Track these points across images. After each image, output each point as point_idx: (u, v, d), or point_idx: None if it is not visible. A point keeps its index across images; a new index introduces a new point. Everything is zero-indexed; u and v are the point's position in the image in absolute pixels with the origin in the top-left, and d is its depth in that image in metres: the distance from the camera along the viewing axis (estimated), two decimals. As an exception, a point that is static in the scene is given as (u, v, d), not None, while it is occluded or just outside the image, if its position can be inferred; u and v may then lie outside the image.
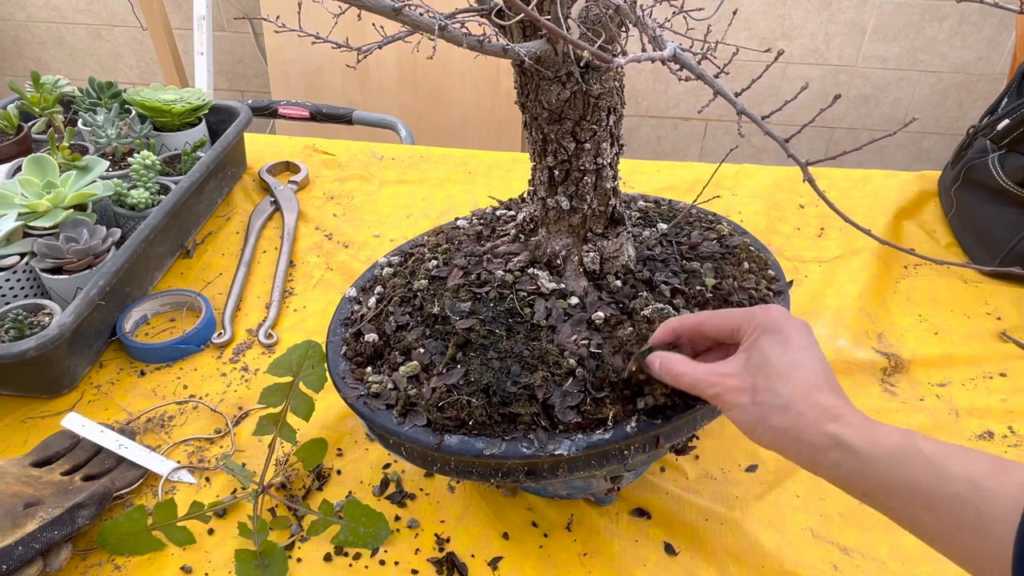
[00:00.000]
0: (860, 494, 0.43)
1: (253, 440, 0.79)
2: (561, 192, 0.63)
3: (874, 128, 2.15)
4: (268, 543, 0.66)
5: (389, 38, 0.54)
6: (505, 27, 0.55)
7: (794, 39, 2.03)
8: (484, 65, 1.74)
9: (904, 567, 0.66)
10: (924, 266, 1.03)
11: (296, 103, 1.53)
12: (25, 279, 0.90)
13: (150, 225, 0.94)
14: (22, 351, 0.76)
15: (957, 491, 0.38)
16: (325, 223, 1.14)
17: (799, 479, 0.74)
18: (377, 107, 1.86)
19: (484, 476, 0.58)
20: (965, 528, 0.37)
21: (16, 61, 2.45)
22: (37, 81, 1.14)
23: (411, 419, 0.58)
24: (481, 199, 1.18)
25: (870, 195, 1.15)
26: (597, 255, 0.65)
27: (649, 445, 0.57)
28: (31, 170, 0.95)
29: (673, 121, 2.23)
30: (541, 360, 0.58)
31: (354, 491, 0.74)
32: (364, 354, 0.65)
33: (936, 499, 0.38)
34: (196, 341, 0.91)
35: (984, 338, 0.91)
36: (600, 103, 0.58)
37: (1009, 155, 0.97)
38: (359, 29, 0.74)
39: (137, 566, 0.67)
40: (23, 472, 0.70)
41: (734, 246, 0.71)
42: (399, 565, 0.67)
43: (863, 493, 0.42)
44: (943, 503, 0.38)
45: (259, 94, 2.39)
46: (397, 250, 0.80)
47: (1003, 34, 1.95)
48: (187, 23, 2.21)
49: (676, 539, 0.69)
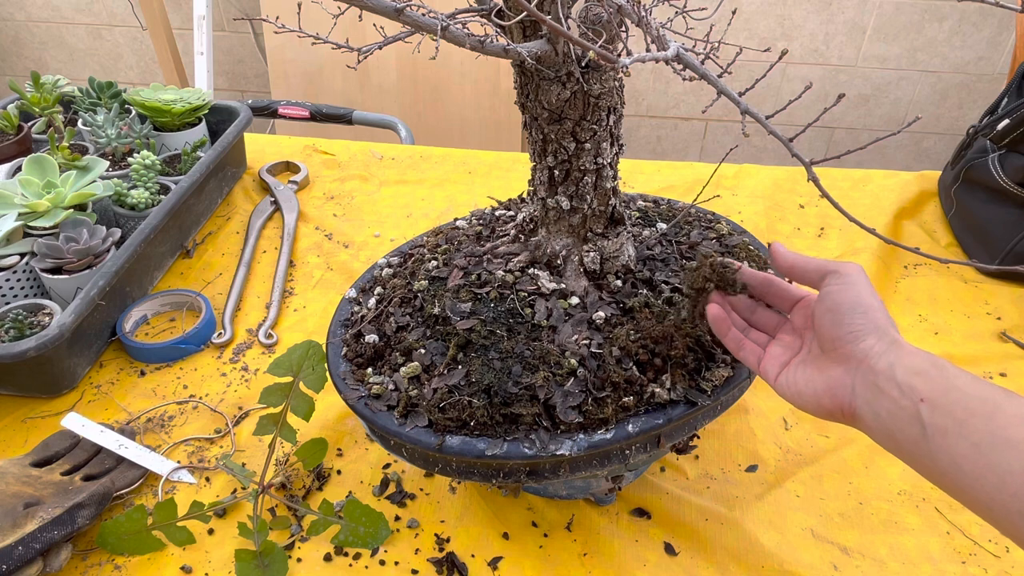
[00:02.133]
0: (919, 399, 0.42)
1: (253, 440, 0.79)
2: (561, 192, 0.63)
3: (874, 128, 2.15)
4: (268, 543, 0.66)
5: (390, 38, 0.54)
6: (505, 27, 0.55)
7: (794, 39, 2.03)
8: (484, 65, 1.74)
9: (904, 567, 0.66)
10: (924, 266, 1.03)
11: (296, 103, 1.53)
12: (25, 279, 0.90)
13: (150, 225, 0.94)
14: (22, 351, 0.76)
15: (1022, 411, 0.39)
16: (325, 223, 1.14)
17: (799, 479, 0.74)
18: (377, 107, 1.86)
19: (486, 477, 0.57)
20: (1012, 443, 0.38)
21: (16, 61, 2.45)
22: (37, 81, 1.14)
23: (412, 420, 0.58)
24: (481, 199, 1.18)
25: (870, 195, 1.15)
26: (597, 255, 0.65)
27: (650, 444, 0.57)
28: (31, 170, 0.95)
29: (673, 121, 2.23)
30: (542, 360, 0.58)
31: (354, 491, 0.74)
32: (364, 355, 0.65)
33: (1000, 412, 0.39)
34: (196, 341, 0.91)
35: (984, 338, 0.91)
36: (600, 103, 0.58)
37: (1009, 155, 0.97)
38: (359, 29, 0.74)
39: (137, 566, 0.67)
40: (23, 472, 0.70)
41: (733, 245, 0.71)
42: (399, 565, 0.67)
43: (923, 399, 0.42)
44: (1003, 417, 0.39)
45: (259, 94, 2.39)
46: (396, 251, 0.80)
47: (1003, 34, 1.95)
48: (187, 23, 2.21)
49: (676, 539, 0.69)
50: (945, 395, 0.41)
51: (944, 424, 0.41)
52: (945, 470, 0.41)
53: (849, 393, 0.46)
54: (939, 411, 0.41)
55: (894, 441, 0.44)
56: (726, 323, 0.55)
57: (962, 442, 0.40)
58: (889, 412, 0.44)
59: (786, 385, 0.51)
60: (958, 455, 0.40)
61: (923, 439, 0.42)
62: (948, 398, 0.41)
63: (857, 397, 0.46)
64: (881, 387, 0.44)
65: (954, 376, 0.42)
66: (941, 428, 0.41)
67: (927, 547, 0.67)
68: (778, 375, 0.52)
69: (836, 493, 0.73)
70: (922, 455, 0.42)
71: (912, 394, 0.42)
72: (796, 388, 0.50)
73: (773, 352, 0.53)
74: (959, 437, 0.40)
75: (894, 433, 0.44)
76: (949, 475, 0.41)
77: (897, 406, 0.43)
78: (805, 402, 0.49)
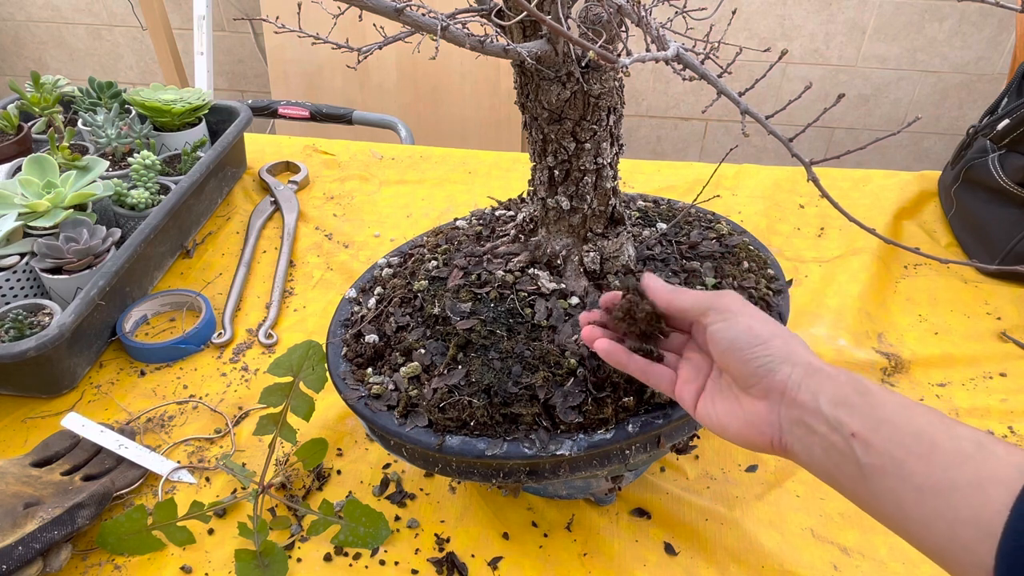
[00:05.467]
0: (850, 433, 0.39)
1: (253, 440, 0.79)
2: (561, 192, 0.63)
3: (874, 128, 2.15)
4: (268, 543, 0.66)
5: (390, 38, 0.54)
6: (505, 27, 0.55)
7: (794, 39, 2.03)
8: (484, 65, 1.74)
9: (904, 567, 0.66)
10: (924, 266, 1.03)
11: (296, 103, 1.53)
12: (25, 279, 0.90)
13: (150, 225, 0.94)
14: (22, 351, 0.76)
15: (961, 447, 0.36)
16: (325, 223, 1.14)
17: (799, 479, 0.74)
18: (377, 107, 1.86)
19: (486, 477, 0.58)
20: (958, 487, 0.35)
21: (16, 61, 2.45)
22: (37, 81, 1.14)
23: (412, 420, 0.58)
24: (481, 199, 1.18)
25: (870, 195, 1.15)
26: (597, 255, 0.64)
27: (650, 444, 0.57)
28: (31, 170, 0.95)
29: (673, 121, 2.23)
30: (542, 360, 0.58)
31: (354, 491, 0.74)
32: (364, 355, 0.65)
33: (937, 450, 0.36)
34: (196, 341, 0.91)
35: (984, 338, 0.91)
36: (600, 103, 0.58)
37: (1009, 155, 0.97)
38: (359, 29, 0.74)
39: (137, 566, 0.67)
40: (23, 472, 0.70)
41: (733, 245, 0.71)
42: (399, 565, 0.67)
43: (853, 433, 0.39)
44: (943, 456, 0.36)
45: (259, 94, 2.39)
46: (396, 251, 0.80)
47: (1003, 34, 1.95)
48: (187, 23, 2.21)
49: (676, 539, 0.69)
50: (876, 431, 0.38)
51: (882, 464, 0.38)
52: (891, 514, 0.38)
53: (776, 430, 0.44)
54: (873, 450, 0.38)
55: (833, 479, 0.41)
56: (622, 353, 0.51)
57: (903, 485, 0.37)
58: (823, 449, 0.41)
59: (707, 417, 0.48)
60: (902, 500, 0.37)
61: (862, 479, 0.39)
62: (880, 435, 0.38)
63: (786, 433, 0.43)
64: (808, 424, 0.41)
65: (881, 405, 0.39)
66: (879, 468, 0.38)
67: (927, 547, 0.67)
68: (696, 403, 0.49)
69: (836, 493, 0.72)
70: (865, 495, 0.39)
71: (842, 429, 0.39)
72: (719, 421, 0.47)
73: (684, 375, 0.50)
74: (899, 480, 0.37)
75: (831, 471, 0.41)
76: (896, 519, 0.38)
77: (828, 443, 0.40)
78: (731, 437, 0.46)
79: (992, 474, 0.34)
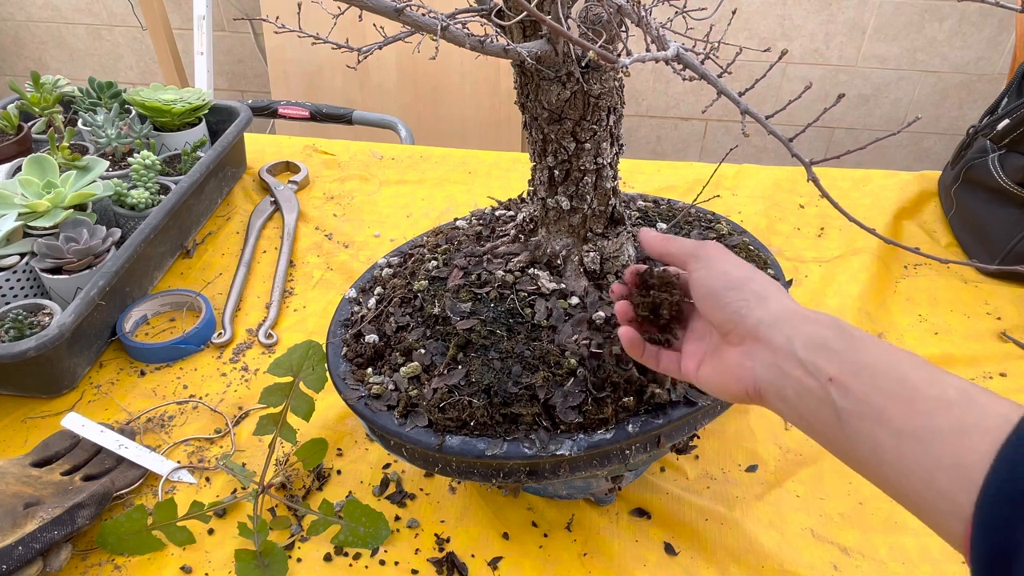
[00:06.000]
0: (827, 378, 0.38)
1: (253, 440, 0.79)
2: (561, 192, 0.63)
3: (874, 128, 2.15)
4: (268, 543, 0.66)
5: (389, 38, 0.54)
6: (505, 27, 0.55)
7: (794, 39, 2.03)
8: (484, 65, 1.74)
9: (904, 567, 0.66)
10: (924, 266, 1.03)
11: (296, 103, 1.53)
12: (25, 279, 0.90)
13: (150, 225, 0.94)
14: (22, 351, 0.76)
15: (945, 394, 0.35)
16: (325, 223, 1.14)
17: (799, 479, 0.74)
18: (377, 107, 1.86)
19: (486, 477, 0.58)
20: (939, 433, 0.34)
21: (16, 61, 2.45)
22: (37, 81, 1.14)
23: (412, 420, 0.58)
24: (481, 199, 1.18)
25: (870, 195, 1.15)
26: (597, 255, 0.65)
27: (650, 444, 0.57)
28: (31, 170, 0.95)
29: (673, 121, 2.23)
30: (542, 360, 0.58)
31: (354, 491, 0.74)
32: (364, 355, 0.65)
33: (920, 395, 0.35)
34: (196, 341, 0.91)
35: (984, 338, 0.91)
36: (600, 103, 0.58)
37: (1009, 155, 0.97)
38: (359, 29, 0.74)
39: (137, 566, 0.67)
40: (23, 472, 0.70)
41: (733, 245, 0.71)
42: (399, 565, 0.67)
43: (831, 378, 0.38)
44: (925, 402, 0.35)
45: (259, 94, 2.39)
46: (396, 251, 0.80)
47: (1003, 34, 1.95)
48: (187, 23, 2.21)
49: (676, 539, 0.69)
50: (856, 376, 0.37)
51: (860, 410, 0.37)
52: (865, 459, 0.37)
53: (751, 375, 0.43)
54: (852, 395, 0.37)
55: (807, 423, 0.40)
56: (639, 344, 0.51)
57: (882, 430, 0.36)
58: (796, 393, 0.40)
59: (701, 378, 0.48)
60: (878, 445, 0.36)
61: (837, 424, 0.38)
62: (860, 380, 0.37)
63: (760, 379, 0.42)
64: (781, 367, 0.40)
65: (864, 349, 0.38)
66: (856, 413, 0.37)
67: (927, 547, 0.67)
68: (698, 370, 0.48)
69: (836, 493, 0.73)
70: (839, 440, 0.38)
71: (818, 373, 0.38)
72: (710, 380, 0.47)
73: (689, 349, 0.50)
74: (878, 424, 0.36)
75: (805, 415, 0.40)
76: (870, 464, 0.37)
77: (802, 386, 0.39)
78: (714, 389, 0.46)
79: (977, 422, 0.34)
